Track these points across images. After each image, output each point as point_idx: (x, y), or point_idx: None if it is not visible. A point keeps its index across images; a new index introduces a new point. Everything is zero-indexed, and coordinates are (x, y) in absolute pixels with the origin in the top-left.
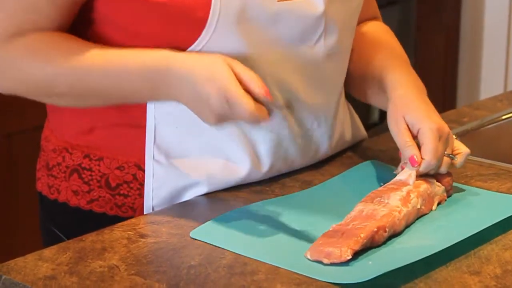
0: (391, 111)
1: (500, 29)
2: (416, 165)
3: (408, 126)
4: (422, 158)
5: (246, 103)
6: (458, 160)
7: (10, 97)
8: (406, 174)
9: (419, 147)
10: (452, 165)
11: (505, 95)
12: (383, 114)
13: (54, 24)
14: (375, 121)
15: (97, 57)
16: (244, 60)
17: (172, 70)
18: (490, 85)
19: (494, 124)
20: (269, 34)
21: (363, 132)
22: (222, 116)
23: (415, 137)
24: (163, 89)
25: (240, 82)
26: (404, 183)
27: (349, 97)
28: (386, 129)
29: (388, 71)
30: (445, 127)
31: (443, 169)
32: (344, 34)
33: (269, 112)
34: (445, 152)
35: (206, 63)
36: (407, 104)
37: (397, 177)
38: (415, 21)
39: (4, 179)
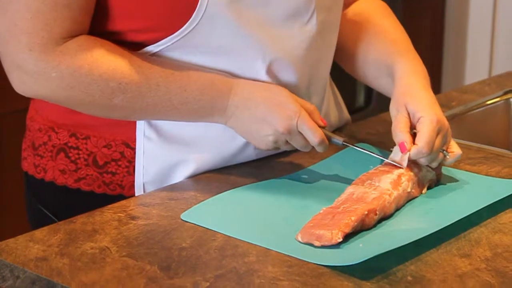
0: (395, 98)
1: (485, 14)
2: (405, 152)
3: (409, 115)
4: (415, 144)
5: (318, 133)
6: (449, 159)
7: None
8: (398, 155)
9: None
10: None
11: (493, 79)
12: (368, 99)
13: (88, 17)
14: (360, 105)
15: (159, 74)
16: (235, 39)
17: (235, 92)
18: (475, 69)
19: (482, 108)
20: (260, 14)
21: (346, 115)
22: (280, 141)
23: (414, 128)
24: (218, 109)
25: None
26: (396, 167)
27: (335, 80)
28: (371, 114)
29: (396, 57)
30: (446, 122)
31: (434, 164)
32: (334, 9)
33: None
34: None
35: (271, 90)
36: (412, 93)
37: (390, 158)
38: (402, 5)
39: None
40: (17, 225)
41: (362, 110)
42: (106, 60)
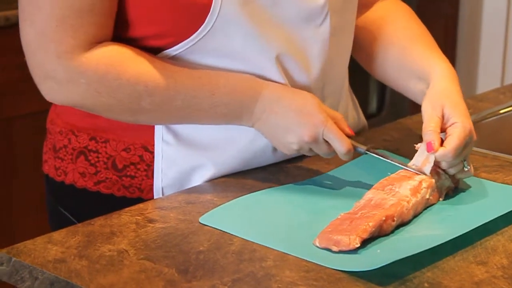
0: (431, 96)
1: (498, 20)
2: (431, 151)
3: (443, 117)
4: (443, 147)
5: (346, 142)
6: (465, 173)
7: (10, 82)
8: (423, 155)
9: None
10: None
11: (507, 87)
12: (380, 106)
13: (112, 21)
14: (372, 111)
15: (187, 78)
16: (250, 42)
17: (263, 95)
18: (487, 77)
19: (498, 116)
20: (273, 16)
21: (363, 120)
22: (304, 149)
23: (443, 130)
24: (246, 112)
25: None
26: (419, 173)
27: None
28: (384, 121)
29: (431, 60)
30: (475, 136)
31: (452, 171)
32: (348, 12)
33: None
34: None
35: (299, 97)
36: (451, 97)
37: (413, 161)
38: (415, 10)
39: (4, 163)
40: (32, 226)
41: (375, 116)
42: (132, 64)
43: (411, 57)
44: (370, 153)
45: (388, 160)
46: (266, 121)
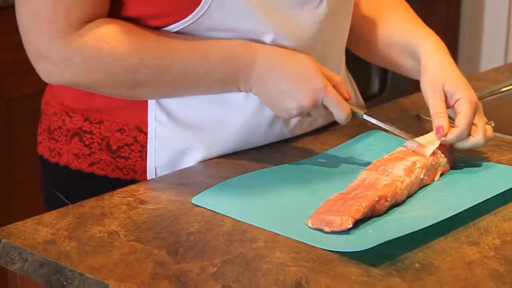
0: (429, 76)
1: (501, 1)
2: (439, 136)
3: (445, 96)
4: (456, 127)
5: (345, 109)
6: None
7: (8, 63)
8: (424, 140)
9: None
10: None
11: (506, 66)
12: (382, 86)
13: (106, 1)
14: (374, 92)
15: (181, 47)
16: (246, 23)
17: (259, 60)
18: (490, 56)
19: (495, 96)
20: None
21: (361, 101)
22: (303, 113)
23: (449, 107)
24: (243, 78)
25: None
26: (414, 154)
27: (349, 67)
28: (386, 101)
29: (418, 35)
30: (479, 102)
31: (487, 140)
32: None
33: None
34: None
35: (297, 61)
36: (447, 72)
37: (412, 141)
38: None
39: (3, 145)
40: (31, 207)
41: (376, 97)
42: (125, 38)
43: (399, 33)
44: (367, 117)
45: (385, 127)
46: (263, 87)
